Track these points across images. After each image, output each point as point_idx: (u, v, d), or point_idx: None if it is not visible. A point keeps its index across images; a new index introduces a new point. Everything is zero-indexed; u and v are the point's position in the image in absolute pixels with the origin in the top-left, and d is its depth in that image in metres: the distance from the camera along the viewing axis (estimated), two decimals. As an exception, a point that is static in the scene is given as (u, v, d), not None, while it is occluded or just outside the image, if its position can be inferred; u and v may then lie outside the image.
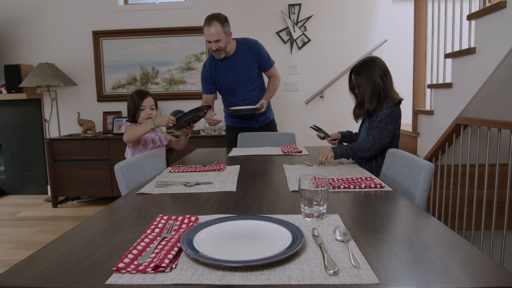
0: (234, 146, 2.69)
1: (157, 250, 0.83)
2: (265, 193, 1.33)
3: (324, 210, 1.02)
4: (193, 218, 1.03)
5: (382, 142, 1.80)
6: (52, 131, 4.06)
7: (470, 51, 2.32)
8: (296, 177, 1.54)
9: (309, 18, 3.81)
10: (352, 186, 1.35)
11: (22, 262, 0.79)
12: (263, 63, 2.64)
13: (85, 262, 0.79)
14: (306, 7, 3.82)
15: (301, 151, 2.19)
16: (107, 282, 0.70)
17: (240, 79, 2.59)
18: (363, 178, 1.45)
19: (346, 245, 0.83)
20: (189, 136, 2.33)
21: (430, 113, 2.87)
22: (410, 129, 3.26)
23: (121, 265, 0.75)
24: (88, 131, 4.00)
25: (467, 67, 2.39)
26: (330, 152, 1.78)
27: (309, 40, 3.85)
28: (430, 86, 2.90)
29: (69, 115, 4.16)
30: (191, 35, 3.94)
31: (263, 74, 2.74)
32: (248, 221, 0.97)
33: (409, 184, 1.42)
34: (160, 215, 1.06)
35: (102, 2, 3.99)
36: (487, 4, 2.38)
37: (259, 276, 0.70)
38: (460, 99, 2.46)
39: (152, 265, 0.74)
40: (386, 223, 0.98)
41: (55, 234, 3.00)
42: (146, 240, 0.88)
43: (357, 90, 1.95)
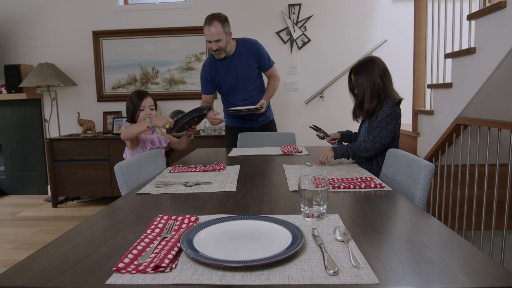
0: (234, 146, 2.69)
1: (157, 250, 0.83)
2: (265, 193, 1.33)
3: (324, 210, 1.02)
4: (193, 218, 1.03)
5: (382, 142, 1.80)
6: (52, 131, 4.06)
7: (470, 51, 2.32)
8: (296, 177, 1.54)
9: (309, 18, 3.82)
10: (352, 186, 1.35)
11: (22, 262, 0.79)
12: (263, 63, 2.63)
13: (85, 262, 0.79)
14: (306, 7, 3.82)
15: (301, 151, 2.19)
16: (107, 282, 0.70)
17: (240, 79, 2.59)
18: (363, 178, 1.45)
19: (346, 245, 0.83)
20: (192, 138, 2.28)
21: (430, 113, 2.87)
22: (410, 129, 3.26)
23: (121, 265, 0.75)
24: (88, 131, 4.00)
25: (467, 67, 2.39)
26: (330, 152, 1.77)
27: (309, 40, 3.85)
28: (430, 86, 2.90)
29: (69, 115, 4.16)
30: (191, 35, 3.94)
31: (263, 74, 2.74)
32: (248, 221, 0.97)
33: (409, 184, 1.42)
34: (160, 215, 1.06)
35: (102, 2, 3.99)
36: (487, 4, 2.38)
37: (259, 276, 0.70)
38: (460, 99, 2.46)
39: (152, 265, 0.74)
40: (386, 223, 0.98)
41: (55, 234, 3.00)
42: (146, 240, 0.88)
43: (356, 90, 1.94)
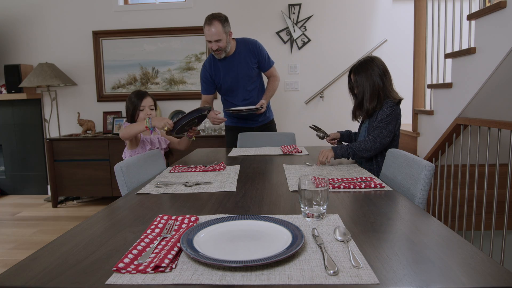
0: (234, 146, 2.69)
1: (157, 250, 0.83)
2: (265, 193, 1.33)
3: (324, 210, 1.02)
4: (193, 218, 1.03)
5: (382, 142, 1.80)
6: (52, 131, 4.06)
7: (470, 51, 2.32)
8: (296, 177, 1.54)
9: (309, 18, 3.81)
10: (352, 186, 1.35)
11: (22, 262, 0.79)
12: (263, 63, 2.63)
13: (85, 262, 0.79)
14: (306, 7, 3.82)
15: (301, 151, 2.19)
16: (107, 282, 0.70)
17: (240, 79, 2.58)
18: (363, 178, 1.45)
19: (346, 245, 0.83)
20: (193, 139, 2.25)
21: (430, 113, 2.87)
22: (410, 129, 3.25)
23: (121, 265, 0.75)
24: (88, 131, 4.00)
25: (467, 67, 2.39)
26: (330, 152, 1.77)
27: (309, 40, 3.85)
28: (430, 86, 2.90)
29: (69, 115, 4.16)
30: (191, 35, 3.94)
31: (262, 74, 2.74)
32: (248, 221, 0.97)
33: (409, 184, 1.42)
34: (160, 215, 1.06)
35: (102, 2, 3.99)
36: (487, 4, 2.38)
37: (259, 276, 0.70)
38: (460, 99, 2.46)
39: (152, 265, 0.74)
40: (386, 223, 0.98)
41: (55, 234, 3.00)
42: (146, 240, 0.88)
43: (356, 90, 1.94)
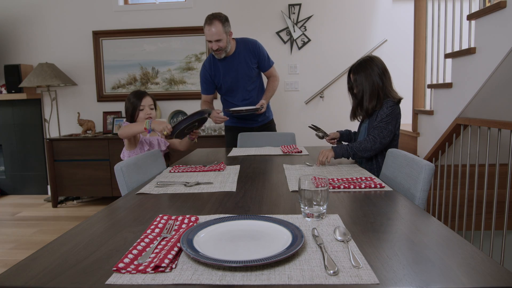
0: (233, 146, 2.69)
1: (157, 250, 0.83)
2: (265, 193, 1.33)
3: (324, 210, 1.02)
4: (193, 218, 1.03)
5: (382, 142, 1.80)
6: (52, 131, 4.06)
7: (470, 51, 2.32)
8: (296, 177, 1.54)
9: (309, 18, 3.81)
10: (352, 186, 1.35)
11: (22, 262, 0.79)
12: (263, 63, 2.63)
13: (85, 262, 0.79)
14: (306, 7, 3.82)
15: (301, 151, 2.19)
16: (107, 282, 0.70)
17: (239, 79, 2.58)
18: (363, 178, 1.45)
19: (346, 245, 0.83)
20: (195, 141, 2.22)
21: (430, 113, 2.87)
22: (410, 129, 3.25)
23: (121, 265, 0.75)
24: (88, 131, 4.00)
25: (467, 67, 2.39)
26: (330, 151, 1.77)
27: (309, 40, 3.85)
28: (430, 86, 2.90)
29: (69, 115, 4.16)
30: (191, 35, 3.94)
31: (262, 74, 2.74)
32: (248, 221, 0.97)
33: (409, 184, 1.42)
34: (160, 215, 1.06)
35: (102, 2, 3.99)
36: (487, 4, 2.38)
37: (259, 276, 0.70)
38: (460, 99, 2.46)
39: (152, 265, 0.74)
40: (386, 223, 0.98)
41: (55, 234, 3.00)
42: (146, 240, 0.88)
43: (356, 90, 1.94)
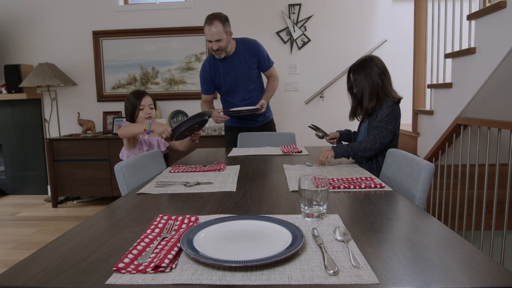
0: (233, 146, 2.69)
1: (157, 250, 0.83)
2: (265, 193, 1.33)
3: (324, 210, 1.02)
4: (193, 218, 1.03)
5: (382, 141, 1.80)
6: (52, 131, 4.06)
7: (470, 51, 2.32)
8: (296, 177, 1.54)
9: (309, 18, 3.81)
10: (352, 186, 1.35)
11: (22, 262, 0.79)
12: (263, 63, 2.63)
13: (85, 262, 0.79)
14: (306, 7, 3.82)
15: (301, 151, 2.19)
16: (107, 282, 0.70)
17: (239, 79, 2.58)
18: (363, 178, 1.45)
19: (346, 245, 0.83)
20: (196, 142, 2.21)
21: (430, 113, 2.87)
22: (410, 129, 3.25)
23: (121, 265, 0.75)
24: (88, 131, 4.00)
25: (467, 67, 2.39)
26: (331, 151, 1.78)
27: (309, 40, 3.85)
28: (430, 86, 2.90)
29: (69, 115, 4.16)
30: (191, 35, 3.94)
31: (262, 74, 2.74)
32: (248, 221, 0.97)
33: (409, 184, 1.42)
34: (160, 215, 1.06)
35: (102, 2, 3.99)
36: (487, 4, 2.38)
37: (259, 276, 0.70)
38: (460, 99, 2.46)
39: (152, 265, 0.74)
40: (386, 223, 0.98)
41: (55, 234, 3.00)
42: (146, 240, 0.88)
43: (355, 89, 1.94)
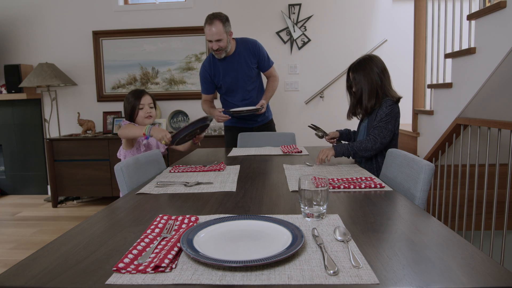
0: (233, 146, 2.69)
1: (157, 250, 0.83)
2: (265, 193, 1.33)
3: (324, 210, 1.02)
4: (193, 218, 1.03)
5: (382, 141, 1.80)
6: (52, 131, 4.06)
7: (470, 51, 2.32)
8: (296, 177, 1.54)
9: (309, 18, 3.82)
10: (352, 186, 1.35)
11: (22, 262, 0.79)
12: (263, 63, 2.63)
13: (85, 262, 0.79)
14: (306, 7, 3.82)
15: (301, 151, 2.19)
16: (107, 282, 0.70)
17: (239, 79, 2.58)
18: (363, 178, 1.45)
19: (346, 245, 0.83)
20: (198, 144, 2.18)
21: (430, 113, 2.87)
22: (410, 129, 3.25)
23: (121, 265, 0.75)
24: (88, 131, 4.00)
25: (467, 67, 2.39)
26: (331, 150, 1.78)
27: (309, 40, 3.85)
28: (430, 86, 2.90)
29: (69, 115, 4.16)
30: (191, 35, 3.94)
31: (262, 74, 2.74)
32: (248, 221, 0.97)
33: (409, 184, 1.42)
34: (160, 215, 1.06)
35: (102, 2, 3.99)
36: (487, 4, 2.38)
37: (259, 276, 0.70)
38: (460, 99, 2.46)
39: (152, 265, 0.74)
40: (386, 223, 0.98)
41: (55, 234, 3.00)
42: (146, 240, 0.88)
43: (355, 88, 1.95)
